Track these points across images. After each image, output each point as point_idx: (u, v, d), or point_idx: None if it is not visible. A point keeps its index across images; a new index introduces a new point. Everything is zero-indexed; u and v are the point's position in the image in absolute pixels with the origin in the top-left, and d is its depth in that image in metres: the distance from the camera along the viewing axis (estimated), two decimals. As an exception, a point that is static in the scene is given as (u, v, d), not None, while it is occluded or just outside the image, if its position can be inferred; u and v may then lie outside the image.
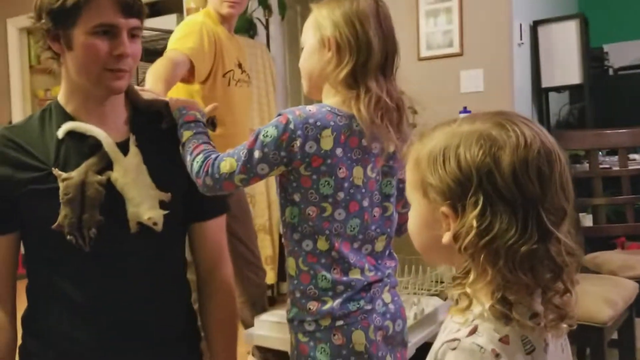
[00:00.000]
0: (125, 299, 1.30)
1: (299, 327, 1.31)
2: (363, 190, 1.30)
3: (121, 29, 1.25)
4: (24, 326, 1.36)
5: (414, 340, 2.07)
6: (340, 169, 1.26)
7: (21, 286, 1.35)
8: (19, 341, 1.36)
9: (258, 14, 4.07)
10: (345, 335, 1.27)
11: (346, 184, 1.28)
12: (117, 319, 1.29)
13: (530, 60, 3.64)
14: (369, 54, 1.28)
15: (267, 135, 1.23)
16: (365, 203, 1.31)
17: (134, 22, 1.27)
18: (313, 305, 1.29)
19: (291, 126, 1.22)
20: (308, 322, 1.29)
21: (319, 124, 1.24)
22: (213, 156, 1.28)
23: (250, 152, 1.24)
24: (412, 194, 0.89)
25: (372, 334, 1.29)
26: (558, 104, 3.99)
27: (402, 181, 1.35)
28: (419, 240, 0.90)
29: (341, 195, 1.27)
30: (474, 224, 0.78)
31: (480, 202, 0.78)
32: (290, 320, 1.34)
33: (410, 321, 2.05)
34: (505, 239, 0.77)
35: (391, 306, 1.35)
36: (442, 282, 2.54)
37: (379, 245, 1.35)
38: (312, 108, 1.27)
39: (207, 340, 1.45)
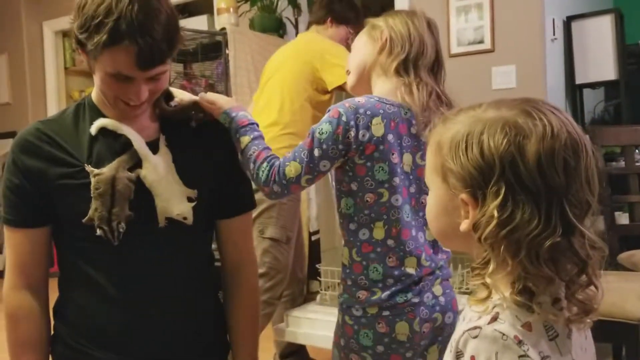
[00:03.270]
0: (153, 292, 1.32)
1: (347, 311, 1.36)
2: (411, 177, 1.33)
3: (138, 80, 1.22)
4: (55, 315, 1.39)
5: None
6: (392, 154, 1.29)
7: (52, 284, 1.38)
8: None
9: (287, 13, 4.06)
10: (389, 325, 1.30)
11: (398, 170, 1.30)
12: (146, 311, 1.31)
13: (564, 56, 3.57)
14: (421, 50, 1.33)
15: (322, 132, 1.27)
16: (412, 189, 1.34)
17: (154, 71, 1.22)
18: (362, 295, 1.32)
19: (344, 118, 1.26)
20: (356, 308, 1.34)
21: (369, 112, 1.28)
22: (277, 163, 1.31)
23: (310, 152, 1.28)
24: (432, 178, 0.87)
25: (416, 326, 1.31)
26: (593, 101, 3.91)
27: None
28: (436, 225, 0.89)
29: (397, 180, 1.30)
30: (495, 213, 0.76)
31: (502, 192, 0.76)
32: (340, 303, 1.39)
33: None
34: (527, 230, 0.75)
35: (442, 299, 1.36)
36: (472, 281, 2.50)
37: (430, 234, 1.37)
38: (360, 99, 1.31)
39: (230, 336, 1.46)
